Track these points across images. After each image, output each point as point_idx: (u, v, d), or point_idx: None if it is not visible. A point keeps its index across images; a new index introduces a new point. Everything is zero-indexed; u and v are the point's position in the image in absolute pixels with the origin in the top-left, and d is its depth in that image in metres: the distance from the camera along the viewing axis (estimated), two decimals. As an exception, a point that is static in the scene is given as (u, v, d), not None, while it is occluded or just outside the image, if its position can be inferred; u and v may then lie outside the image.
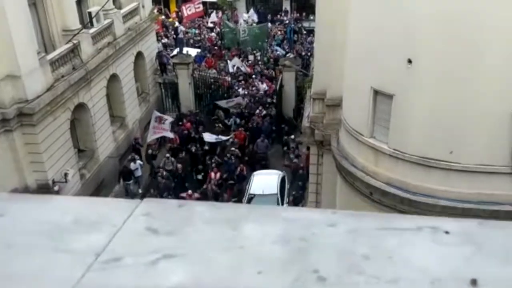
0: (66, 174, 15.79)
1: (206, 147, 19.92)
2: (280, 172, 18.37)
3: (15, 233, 0.81)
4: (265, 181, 17.63)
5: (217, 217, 0.86)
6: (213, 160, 18.73)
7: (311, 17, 28.26)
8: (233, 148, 19.25)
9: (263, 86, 24.01)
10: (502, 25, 8.12)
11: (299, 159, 19.13)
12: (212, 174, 18.08)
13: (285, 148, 20.56)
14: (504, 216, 9.01)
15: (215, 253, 0.76)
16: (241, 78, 25.09)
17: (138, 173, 18.64)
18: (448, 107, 8.92)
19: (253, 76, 25.45)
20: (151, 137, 19.94)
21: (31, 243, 0.79)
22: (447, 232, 0.79)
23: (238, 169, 18.36)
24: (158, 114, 20.65)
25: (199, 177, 18.86)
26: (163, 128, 19.86)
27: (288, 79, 22.96)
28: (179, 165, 18.44)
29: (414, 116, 9.31)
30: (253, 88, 24.20)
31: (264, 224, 0.83)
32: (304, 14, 35.85)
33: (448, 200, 9.14)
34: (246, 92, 23.78)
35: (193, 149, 19.56)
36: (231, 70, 25.63)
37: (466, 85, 8.69)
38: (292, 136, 20.63)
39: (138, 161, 18.82)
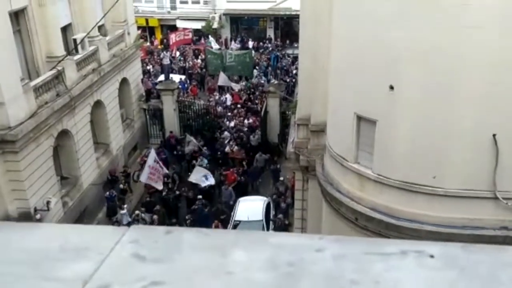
0: (48, 202, 15.50)
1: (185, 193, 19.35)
2: (265, 198, 18.33)
3: (1, 262, 0.80)
4: (250, 207, 17.56)
5: (205, 244, 0.86)
6: (187, 217, 17.60)
7: (295, 44, 28.72)
8: (200, 196, 18.29)
9: (248, 122, 24.11)
10: (479, 53, 8.35)
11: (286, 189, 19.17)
12: None
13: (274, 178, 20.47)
14: (488, 241, 9.08)
15: (203, 280, 0.76)
16: (228, 111, 25.20)
17: (126, 220, 17.33)
18: (430, 133, 9.06)
19: (239, 106, 25.65)
20: (145, 179, 18.58)
21: (17, 272, 0.78)
22: (431, 256, 0.81)
23: (213, 225, 16.88)
24: (158, 159, 19.22)
25: None
26: (159, 174, 18.69)
27: (273, 105, 23.16)
28: (155, 217, 17.47)
29: (397, 142, 9.43)
30: (240, 119, 24.28)
31: (252, 250, 0.84)
32: (287, 41, 36.48)
33: (432, 225, 9.18)
34: (232, 125, 23.89)
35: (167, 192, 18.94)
36: (229, 103, 25.77)
37: (447, 111, 8.85)
38: (259, 155, 20.90)
39: (125, 210, 17.69)
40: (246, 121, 24.09)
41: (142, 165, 21.15)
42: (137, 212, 17.46)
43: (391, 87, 9.19)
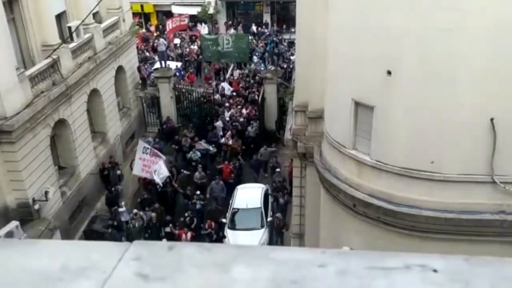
0: (46, 192, 15.51)
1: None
2: (263, 186, 18.35)
3: (5, 283, 0.80)
4: (249, 195, 17.58)
5: (207, 260, 0.85)
6: (186, 214, 17.11)
7: (292, 29, 28.51)
8: (198, 192, 18.08)
9: (245, 112, 23.75)
10: (478, 36, 8.31)
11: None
12: (183, 235, 16.12)
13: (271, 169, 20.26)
14: (486, 225, 9.15)
15: (207, 300, 0.76)
16: (226, 100, 24.93)
17: (125, 217, 17.27)
18: (428, 118, 9.06)
19: (235, 94, 25.41)
20: (139, 172, 18.22)
21: (19, 294, 0.78)
22: (435, 271, 0.80)
23: (206, 225, 16.75)
24: (149, 146, 18.57)
25: (167, 229, 16.90)
26: (155, 166, 17.81)
27: (270, 92, 23.08)
28: (153, 214, 17.06)
29: (395, 127, 9.42)
30: (238, 108, 23.97)
31: (254, 266, 0.83)
32: (284, 26, 36.22)
33: (431, 210, 9.23)
34: (228, 117, 23.47)
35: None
36: (227, 92, 25.44)
37: (445, 96, 8.84)
38: (263, 149, 20.46)
39: (123, 207, 17.53)
40: (244, 110, 23.71)
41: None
42: (135, 211, 17.08)
43: (389, 73, 9.16)
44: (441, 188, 9.22)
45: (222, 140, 21.45)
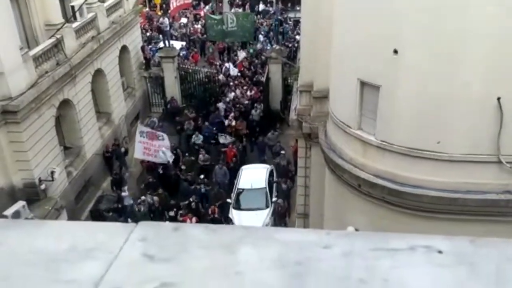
0: (52, 172, 15.63)
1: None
2: (268, 166, 18.38)
3: (12, 264, 0.81)
4: (254, 175, 17.63)
5: (213, 241, 0.86)
6: (191, 199, 16.88)
7: (297, 8, 28.18)
8: (201, 176, 18.01)
9: (250, 94, 23.39)
10: (486, 14, 8.19)
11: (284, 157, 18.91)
12: (188, 221, 15.87)
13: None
14: (491, 204, 9.16)
15: (212, 281, 0.77)
16: (232, 81, 24.63)
17: (130, 201, 17.30)
18: (434, 97, 8.99)
19: (240, 75, 25.18)
20: (140, 155, 18.34)
21: (28, 274, 0.79)
22: (440, 252, 0.81)
23: (210, 211, 16.73)
24: (146, 129, 18.73)
25: (171, 213, 16.82)
26: (156, 147, 17.95)
27: (275, 71, 22.93)
28: (155, 198, 17.03)
29: (401, 107, 9.37)
30: (244, 88, 23.75)
31: (259, 247, 0.84)
32: (289, 4, 35.82)
33: (436, 190, 9.24)
34: (232, 99, 23.18)
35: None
36: (232, 73, 25.19)
37: (451, 75, 8.76)
38: (271, 133, 20.28)
39: (126, 191, 17.47)
40: (248, 92, 23.37)
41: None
42: (143, 197, 17.01)
43: (395, 51, 9.06)
44: (446, 168, 9.20)
45: (226, 122, 21.27)
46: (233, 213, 16.55)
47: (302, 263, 0.80)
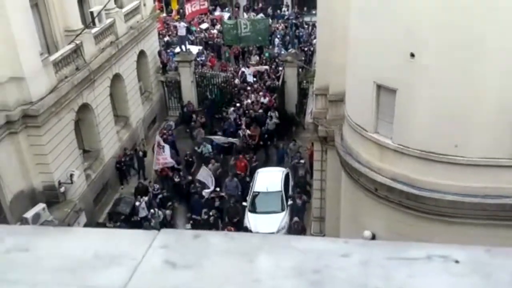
0: (72, 175, 15.86)
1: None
2: (283, 169, 18.34)
3: (40, 270, 0.84)
4: (269, 178, 17.60)
5: (232, 249, 0.88)
6: (211, 213, 16.33)
7: (313, 11, 28.13)
8: (217, 189, 17.41)
9: (264, 100, 22.85)
10: (505, 16, 8.09)
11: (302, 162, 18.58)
12: None
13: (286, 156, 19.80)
14: (510, 209, 9.02)
15: (232, 287, 0.79)
16: (247, 86, 24.41)
17: (143, 213, 16.92)
18: (452, 100, 8.91)
19: (255, 80, 25.03)
20: (156, 166, 18.57)
21: (55, 280, 0.82)
22: (456, 261, 0.82)
23: (226, 230, 15.42)
24: (157, 138, 19.03)
25: (188, 226, 16.28)
26: (162, 158, 18.29)
27: (290, 75, 22.92)
28: (168, 212, 16.73)
29: (418, 110, 9.30)
30: (260, 94, 23.36)
31: (277, 255, 0.86)
32: (305, 8, 35.81)
33: (454, 194, 9.14)
34: (244, 106, 22.81)
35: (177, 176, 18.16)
36: (249, 79, 24.96)
37: (469, 78, 8.67)
38: (292, 144, 19.94)
39: (144, 202, 17.12)
40: (262, 99, 22.83)
41: (163, 135, 21.17)
42: (152, 211, 16.74)
43: (412, 55, 9.00)
44: (464, 172, 9.10)
45: (240, 132, 20.64)
46: (249, 217, 16.56)
47: (319, 271, 0.81)
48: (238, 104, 22.74)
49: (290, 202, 16.89)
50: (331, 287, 0.78)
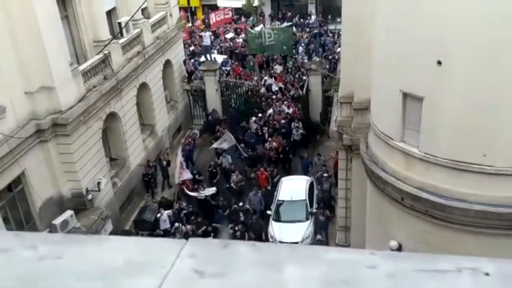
0: (99, 183, 16.13)
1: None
2: (308, 178, 18.26)
3: (71, 278, 0.87)
4: (294, 186, 17.54)
5: (260, 259, 0.89)
6: (237, 228, 16.32)
7: (338, 19, 28.07)
8: (241, 204, 17.30)
9: (289, 111, 22.68)
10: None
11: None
12: None
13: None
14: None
15: (261, 298, 0.79)
16: (272, 95, 24.38)
17: (165, 225, 17.01)
18: (480, 109, 8.74)
19: (280, 89, 24.95)
20: (178, 178, 18.76)
21: (86, 287, 0.84)
22: (487, 274, 0.80)
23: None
24: (179, 152, 19.47)
25: None
26: (182, 170, 18.65)
27: (315, 83, 22.88)
28: (189, 227, 16.62)
29: (445, 119, 9.15)
30: (285, 103, 23.30)
31: (305, 266, 0.86)
32: (329, 16, 35.76)
33: (481, 204, 8.93)
34: (268, 114, 22.77)
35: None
36: (274, 88, 24.99)
37: (498, 86, 8.50)
38: (317, 159, 19.81)
39: (166, 214, 17.22)
40: (286, 109, 22.67)
41: (186, 144, 21.36)
42: (176, 224, 16.75)
43: (439, 63, 8.88)
44: (492, 182, 8.90)
45: (267, 145, 20.48)
46: (273, 225, 16.51)
47: (348, 282, 0.81)
48: (260, 114, 22.72)
49: (314, 210, 16.76)
50: (358, 299, 0.78)
